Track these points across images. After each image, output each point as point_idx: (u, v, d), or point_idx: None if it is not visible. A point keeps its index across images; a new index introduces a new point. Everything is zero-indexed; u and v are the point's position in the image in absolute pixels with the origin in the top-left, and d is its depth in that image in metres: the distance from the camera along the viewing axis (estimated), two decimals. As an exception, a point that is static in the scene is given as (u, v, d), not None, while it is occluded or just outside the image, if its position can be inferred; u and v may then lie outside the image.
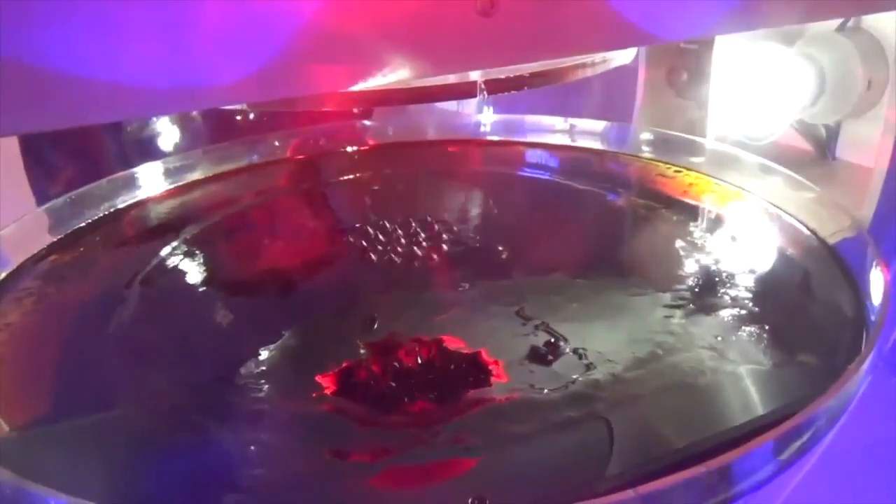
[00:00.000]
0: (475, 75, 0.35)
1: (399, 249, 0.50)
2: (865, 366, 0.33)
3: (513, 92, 0.36)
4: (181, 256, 0.53)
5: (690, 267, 0.48)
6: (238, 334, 0.45)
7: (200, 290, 0.50)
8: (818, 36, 0.61)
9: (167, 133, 0.68)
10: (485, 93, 0.34)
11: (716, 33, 0.44)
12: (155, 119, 0.65)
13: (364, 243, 0.51)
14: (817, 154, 0.66)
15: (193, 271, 0.52)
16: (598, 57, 0.38)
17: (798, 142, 0.67)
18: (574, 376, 0.37)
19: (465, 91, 0.35)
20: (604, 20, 0.35)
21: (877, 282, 0.40)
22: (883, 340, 0.57)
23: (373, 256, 0.50)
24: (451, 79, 0.35)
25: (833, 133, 0.65)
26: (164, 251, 0.53)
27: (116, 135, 0.65)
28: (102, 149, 0.65)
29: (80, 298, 0.49)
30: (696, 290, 0.45)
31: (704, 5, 0.38)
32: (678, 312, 0.43)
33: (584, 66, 0.37)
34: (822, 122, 0.64)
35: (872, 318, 0.39)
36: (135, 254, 0.54)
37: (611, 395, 0.36)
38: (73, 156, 0.65)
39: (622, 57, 0.40)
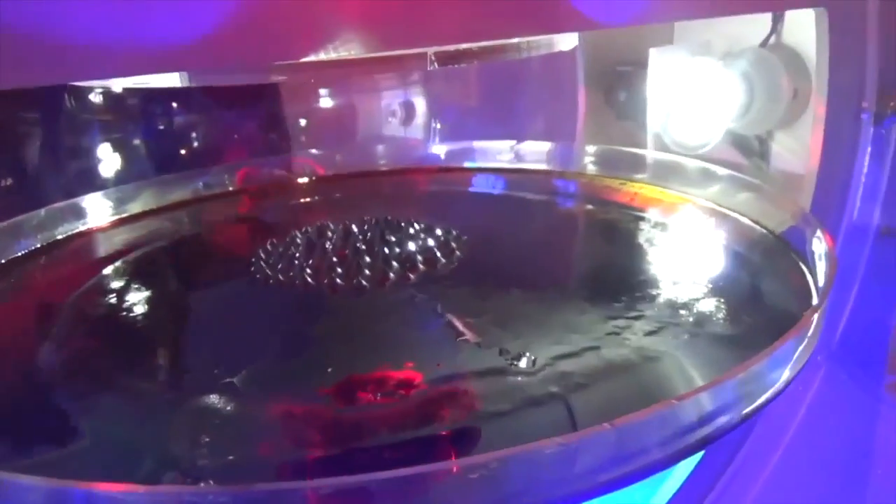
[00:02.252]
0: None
1: (351, 277, 0.48)
2: (818, 314, 0.34)
3: (462, 65, 0.36)
4: (116, 291, 0.50)
5: (642, 273, 0.48)
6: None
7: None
8: (745, 51, 0.65)
9: (109, 162, 0.67)
10: (435, 64, 0.35)
11: (647, 21, 0.46)
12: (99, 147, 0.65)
13: (309, 271, 0.49)
14: (751, 165, 0.69)
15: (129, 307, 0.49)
16: (543, 39, 0.39)
17: (733, 155, 0.70)
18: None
19: (415, 63, 0.35)
20: (548, 4, 0.37)
21: (820, 248, 0.41)
22: (829, 328, 0.58)
23: (317, 285, 0.48)
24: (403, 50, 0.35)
25: (765, 143, 0.68)
26: (98, 285, 0.51)
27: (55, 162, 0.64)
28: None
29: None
30: (644, 297, 0.44)
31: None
32: (628, 313, 0.42)
33: (528, 46, 0.39)
34: (753, 132, 0.67)
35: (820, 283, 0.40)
36: (67, 285, 0.52)
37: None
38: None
39: (564, 42, 0.42)
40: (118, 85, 0.53)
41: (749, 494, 0.57)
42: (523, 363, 0.36)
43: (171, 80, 0.35)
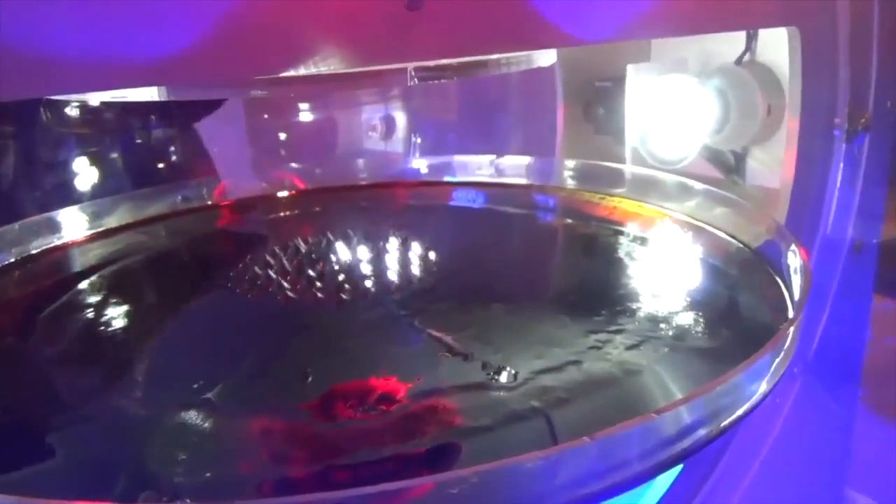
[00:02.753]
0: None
1: (330, 292, 0.48)
2: (794, 327, 0.34)
3: (441, 81, 0.37)
4: (92, 306, 0.50)
5: (621, 286, 0.49)
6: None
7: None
8: (720, 68, 0.66)
9: (86, 175, 0.67)
10: (415, 79, 0.35)
11: (623, 38, 0.47)
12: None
13: (288, 286, 0.49)
14: (727, 180, 0.70)
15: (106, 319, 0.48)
16: (523, 55, 0.39)
17: (709, 170, 0.71)
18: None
19: (395, 78, 0.36)
20: (526, 21, 0.37)
21: (795, 262, 0.42)
22: (805, 341, 0.59)
23: (296, 299, 0.48)
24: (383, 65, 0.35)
25: (741, 159, 0.69)
26: (74, 300, 0.51)
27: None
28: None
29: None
30: (624, 311, 0.44)
31: (616, 12, 0.41)
32: (608, 327, 0.42)
33: (507, 62, 0.39)
34: (729, 147, 0.68)
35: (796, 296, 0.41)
36: (42, 300, 0.51)
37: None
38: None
39: (543, 58, 0.42)
40: (95, 98, 0.52)
41: (728, 506, 0.58)
42: (505, 378, 0.36)
43: (150, 93, 0.35)
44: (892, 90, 0.55)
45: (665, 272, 0.52)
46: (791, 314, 0.40)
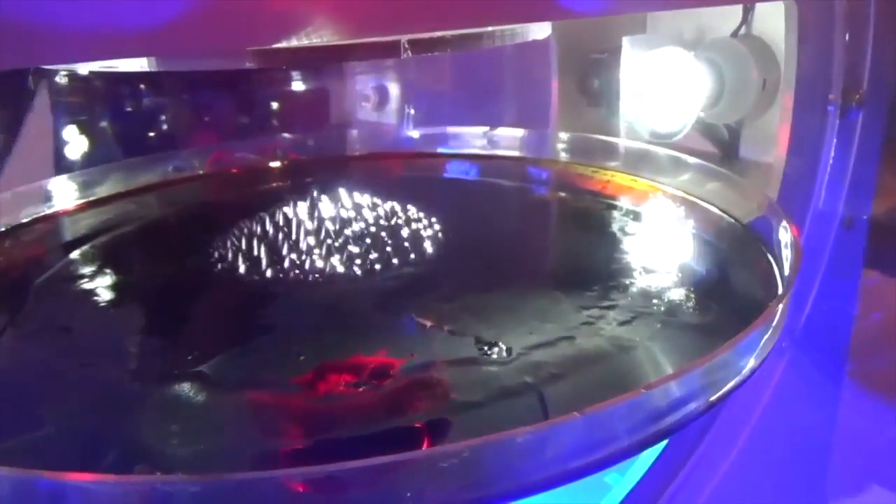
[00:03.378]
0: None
1: (323, 264, 0.48)
2: (783, 304, 0.34)
3: (435, 53, 0.36)
4: (83, 276, 0.49)
5: (614, 261, 0.49)
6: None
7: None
8: (716, 42, 0.66)
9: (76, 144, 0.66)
10: (408, 52, 0.35)
11: (620, 11, 0.47)
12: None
13: (280, 258, 0.49)
14: (721, 154, 0.70)
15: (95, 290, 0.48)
16: (518, 27, 0.39)
17: (704, 145, 0.71)
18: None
19: (388, 50, 0.35)
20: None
21: (785, 237, 0.42)
22: (794, 315, 0.60)
23: (288, 272, 0.48)
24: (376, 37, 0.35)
25: (735, 134, 0.69)
26: (65, 269, 0.50)
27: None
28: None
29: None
30: (617, 286, 0.44)
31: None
32: (599, 303, 0.42)
33: (502, 34, 0.38)
34: (724, 121, 0.68)
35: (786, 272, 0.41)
36: (33, 270, 0.51)
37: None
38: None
39: (538, 31, 0.42)
40: (84, 68, 0.52)
41: (714, 478, 0.59)
42: (497, 353, 0.37)
43: (140, 64, 0.35)
44: (887, 67, 0.55)
45: (657, 247, 0.52)
46: (781, 290, 0.41)
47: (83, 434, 0.33)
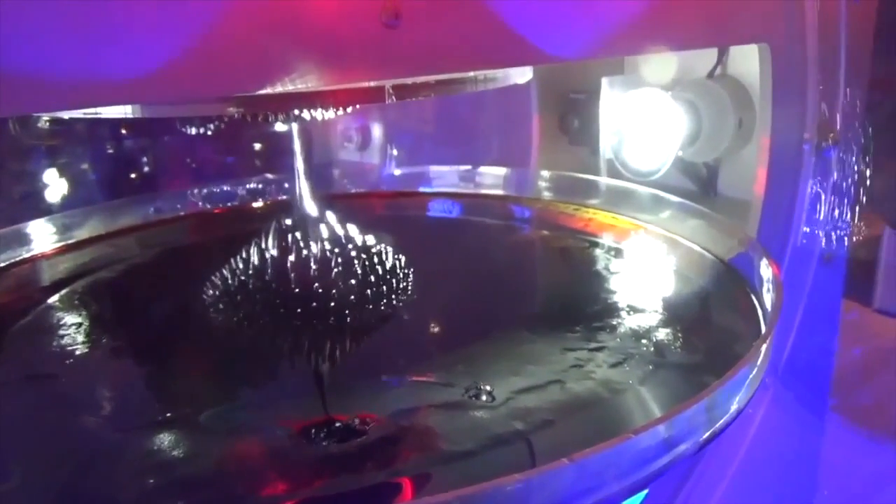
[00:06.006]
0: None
1: (306, 306, 0.48)
2: (766, 344, 0.35)
3: (419, 97, 0.37)
4: (62, 321, 0.49)
5: (598, 301, 0.49)
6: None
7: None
8: (692, 82, 0.67)
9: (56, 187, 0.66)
10: (393, 97, 0.35)
11: (598, 56, 0.48)
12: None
13: (262, 300, 0.48)
14: (700, 191, 0.71)
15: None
16: (499, 73, 0.40)
17: (683, 182, 0.72)
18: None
19: (373, 95, 0.36)
20: (502, 38, 0.38)
21: (766, 274, 0.42)
22: (778, 349, 0.60)
23: (272, 315, 0.47)
24: (361, 83, 0.35)
25: (713, 171, 0.70)
26: (43, 314, 0.50)
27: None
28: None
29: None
30: (604, 326, 0.45)
31: (590, 31, 0.41)
32: (586, 345, 0.43)
33: (484, 79, 0.39)
34: (702, 160, 0.69)
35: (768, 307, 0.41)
36: (11, 315, 0.50)
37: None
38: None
39: (519, 75, 0.43)
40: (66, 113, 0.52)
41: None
42: (485, 398, 0.36)
43: (123, 111, 0.35)
44: (859, 106, 0.56)
45: (640, 285, 0.52)
46: (763, 328, 0.41)
47: (58, 487, 0.32)
